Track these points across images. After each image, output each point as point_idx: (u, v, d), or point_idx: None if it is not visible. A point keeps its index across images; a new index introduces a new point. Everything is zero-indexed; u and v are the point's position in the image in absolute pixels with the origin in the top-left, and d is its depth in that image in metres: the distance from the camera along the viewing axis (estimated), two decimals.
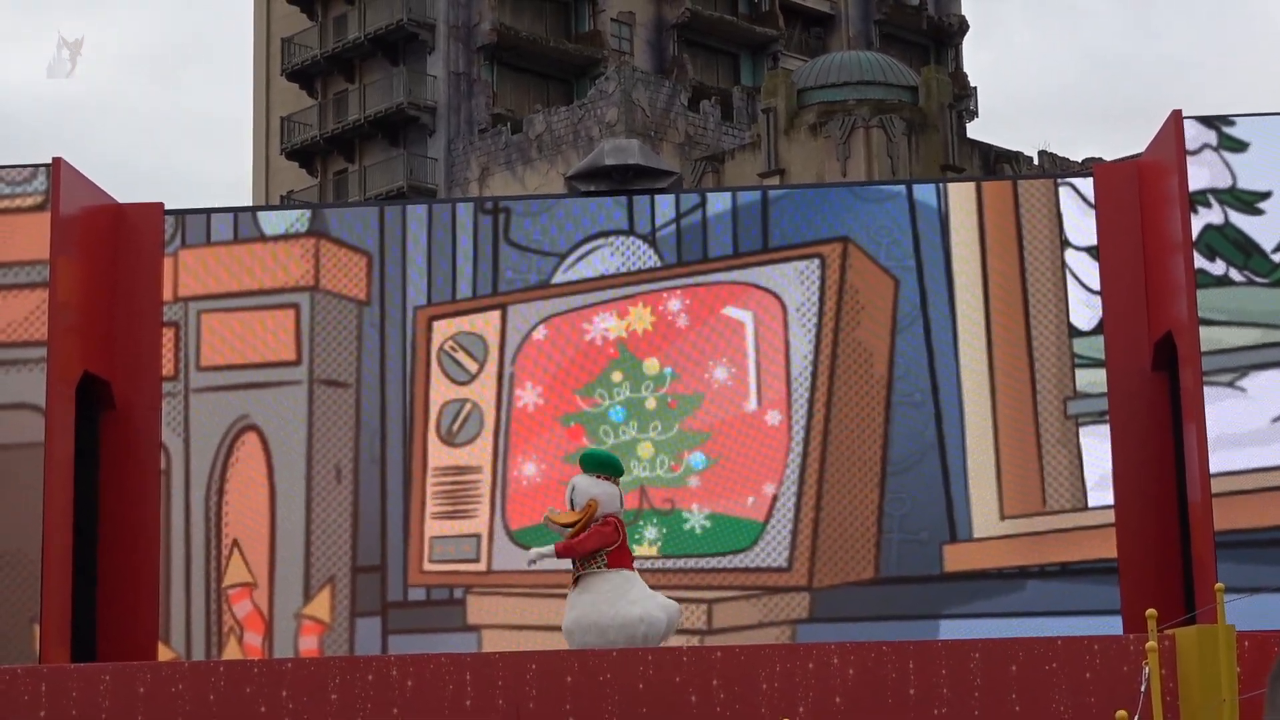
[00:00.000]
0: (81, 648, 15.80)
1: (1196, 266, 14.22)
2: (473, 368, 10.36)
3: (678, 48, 56.99)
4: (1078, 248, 13.14)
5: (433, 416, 10.75)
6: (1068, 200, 13.26)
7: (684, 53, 56.89)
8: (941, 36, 62.38)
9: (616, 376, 10.22)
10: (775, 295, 11.20)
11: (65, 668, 13.77)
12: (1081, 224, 13.36)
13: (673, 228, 11.17)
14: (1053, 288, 12.72)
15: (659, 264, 11.02)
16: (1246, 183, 13.95)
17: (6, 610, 13.65)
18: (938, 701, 12.57)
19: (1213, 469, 13.83)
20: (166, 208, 17.12)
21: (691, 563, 10.95)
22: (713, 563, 10.94)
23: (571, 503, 11.44)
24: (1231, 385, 12.98)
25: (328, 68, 56.51)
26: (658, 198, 11.45)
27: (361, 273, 10.54)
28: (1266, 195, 14.14)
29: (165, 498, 11.48)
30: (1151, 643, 11.21)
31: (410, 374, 10.62)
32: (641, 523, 10.53)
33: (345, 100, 56.38)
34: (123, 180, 16.55)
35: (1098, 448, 13.19)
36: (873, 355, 11.56)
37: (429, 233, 10.67)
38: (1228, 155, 13.65)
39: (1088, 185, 14.41)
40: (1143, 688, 11.19)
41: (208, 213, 17.17)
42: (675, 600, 10.82)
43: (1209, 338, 13.28)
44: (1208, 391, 13.68)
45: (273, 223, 10.52)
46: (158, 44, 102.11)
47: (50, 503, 15.36)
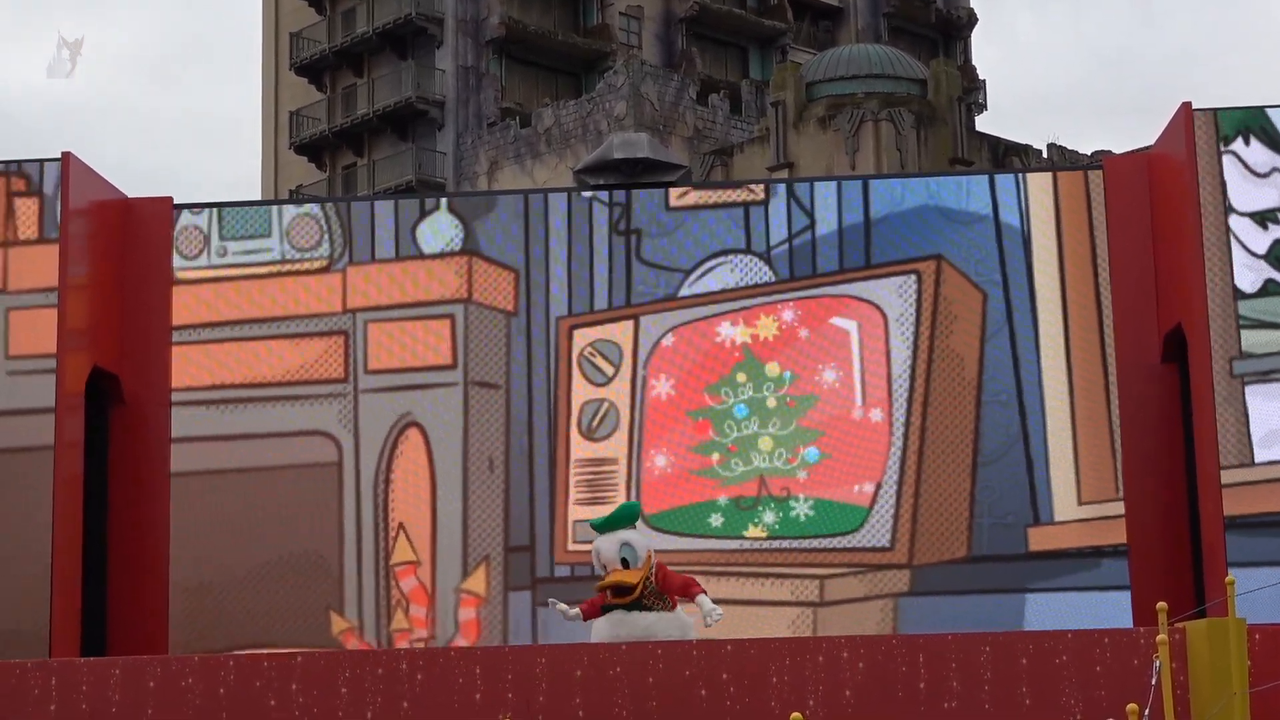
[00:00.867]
0: (91, 642, 15.82)
1: (1266, 276, 14.36)
2: (609, 371, 11.62)
3: (686, 41, 56.92)
4: (1241, 213, 13.60)
5: (574, 414, 12.07)
6: (1231, 169, 13.83)
7: (692, 46, 56.82)
8: (950, 29, 62.28)
9: (741, 377, 11.40)
10: (877, 307, 12.43)
11: (75, 662, 13.78)
12: (1246, 191, 13.83)
13: (785, 246, 12.29)
14: (1218, 254, 13.37)
15: (774, 279, 12.21)
16: None
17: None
18: (948, 695, 12.54)
19: (1263, 459, 14.13)
20: (174, 202, 17.15)
21: (805, 543, 12.18)
22: (824, 543, 12.13)
23: (625, 561, 11.77)
24: None
25: (336, 62, 56.47)
26: (771, 218, 12.19)
27: (509, 287, 11.80)
28: None
29: (338, 487, 12.13)
30: (1162, 636, 11.18)
31: (554, 376, 11.98)
32: (760, 508, 11.78)
33: (354, 94, 56.35)
34: (126, 178, 16.67)
35: (1264, 406, 13.64)
36: (964, 360, 12.65)
37: (569, 250, 11.90)
38: None
39: (1254, 154, 14.33)
40: (1153, 681, 11.16)
41: (217, 207, 17.17)
42: (791, 574, 12.15)
43: (1265, 340, 14.14)
44: (1266, 389, 14.21)
45: (430, 242, 11.64)
46: (159, 43, 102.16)
47: (59, 497, 15.38)
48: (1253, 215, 14.36)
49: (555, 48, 55.67)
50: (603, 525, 11.91)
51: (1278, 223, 14.84)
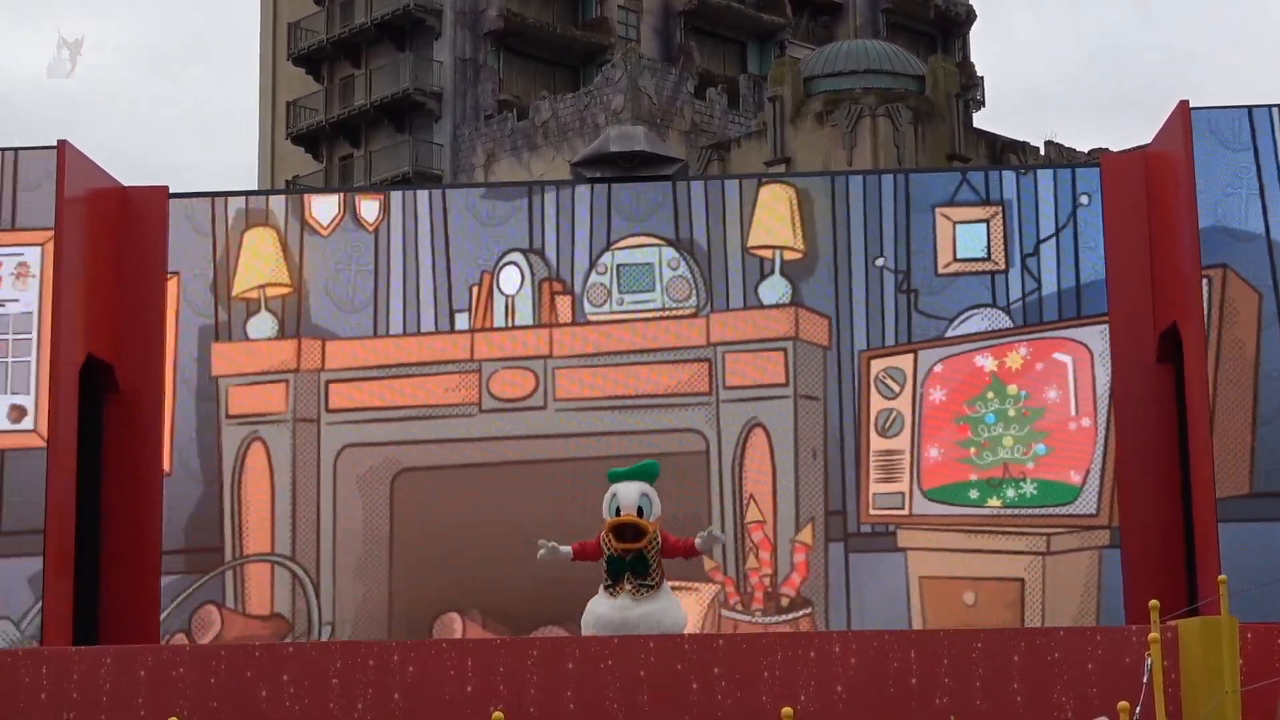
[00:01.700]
0: (84, 630, 15.79)
1: None
2: (897, 389, 15.28)
3: (684, 35, 56.83)
4: None
5: (872, 418, 15.67)
6: None
7: (691, 40, 56.74)
8: (949, 26, 62.20)
9: (990, 395, 15.14)
10: (1085, 345, 15.80)
11: (67, 650, 13.75)
12: None
13: (1020, 303, 15.89)
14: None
15: (1012, 324, 15.90)
16: None
17: None
18: (940, 691, 12.54)
19: None
20: (171, 191, 17.11)
21: (1035, 511, 15.72)
22: (1048, 511, 15.65)
23: (640, 510, 13.14)
24: None
25: (334, 53, 56.38)
26: (1010, 283, 15.48)
27: (825, 329, 15.42)
28: None
29: (706, 469, 15.27)
30: (1154, 634, 11.17)
31: (858, 392, 15.60)
32: (1003, 487, 15.34)
33: (351, 85, 56.26)
34: (121, 167, 16.64)
35: None
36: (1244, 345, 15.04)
37: (866, 304, 15.50)
38: None
39: None
40: (1145, 679, 11.16)
41: (212, 196, 17.15)
42: (1026, 532, 15.57)
43: None
44: None
45: (768, 296, 15.24)
46: (156, 33, 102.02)
47: (53, 486, 15.35)
48: None
49: (553, 40, 55.62)
50: (625, 475, 13.37)
51: None
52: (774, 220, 14.89)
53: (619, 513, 13.27)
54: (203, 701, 12.85)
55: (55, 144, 15.91)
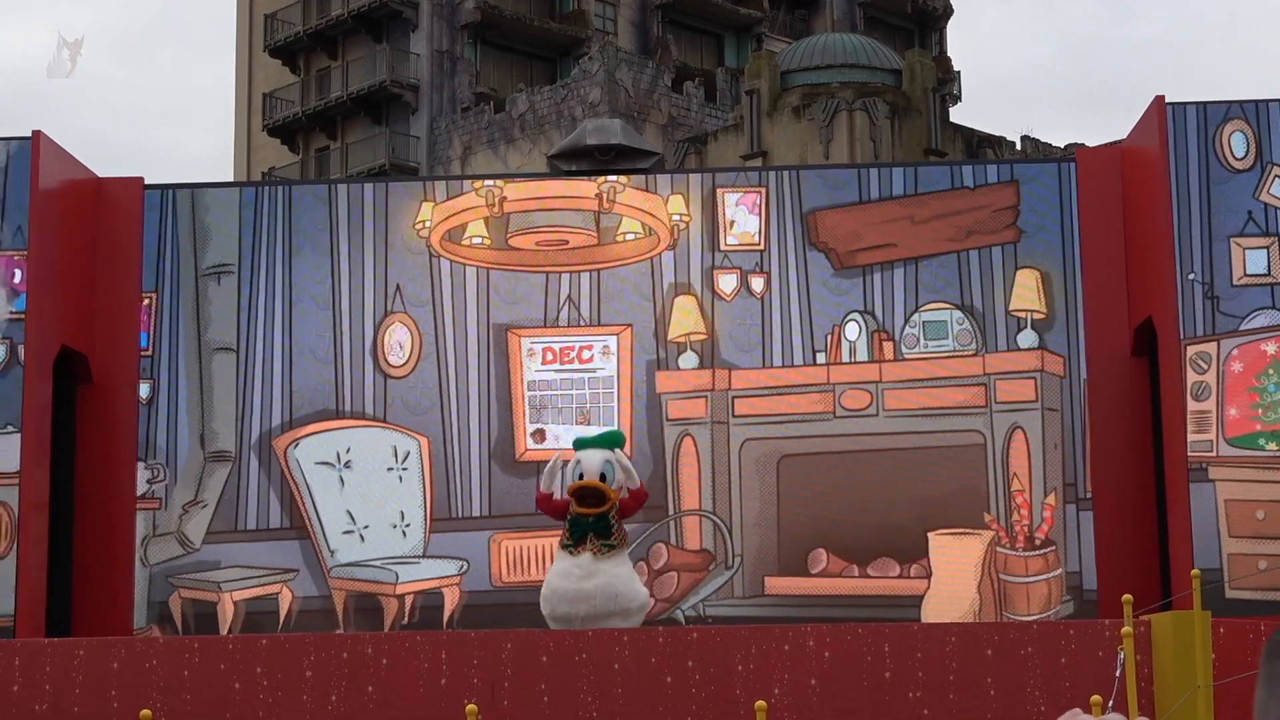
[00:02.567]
0: (56, 622, 15.74)
1: None
2: (1205, 367, 16.82)
3: (661, 28, 56.84)
4: None
5: (1188, 388, 16.93)
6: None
7: (668, 33, 56.74)
8: (925, 20, 62.30)
9: (1271, 371, 16.68)
10: None
11: (39, 642, 13.70)
12: None
13: None
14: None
15: None
16: None
17: None
18: (913, 685, 12.56)
19: None
20: (146, 183, 17.08)
21: None
22: None
23: (603, 476, 13.83)
24: None
25: (310, 44, 56.26)
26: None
27: (1060, 364, 17.56)
28: None
29: (983, 457, 17.71)
30: (1127, 628, 11.22)
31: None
32: (1263, 441, 16.80)
33: (328, 77, 56.16)
34: (95, 157, 16.87)
35: None
36: None
37: (1179, 307, 16.76)
38: None
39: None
40: (1118, 673, 11.20)
41: (192, 187, 17.16)
42: None
43: None
44: None
45: (1023, 341, 17.67)
46: (130, 21, 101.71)
47: (26, 478, 15.30)
48: None
49: (530, 33, 55.57)
50: (589, 443, 14.35)
51: None
52: (1026, 292, 17.42)
53: (583, 478, 13.85)
54: (176, 693, 12.82)
55: (30, 134, 15.87)
